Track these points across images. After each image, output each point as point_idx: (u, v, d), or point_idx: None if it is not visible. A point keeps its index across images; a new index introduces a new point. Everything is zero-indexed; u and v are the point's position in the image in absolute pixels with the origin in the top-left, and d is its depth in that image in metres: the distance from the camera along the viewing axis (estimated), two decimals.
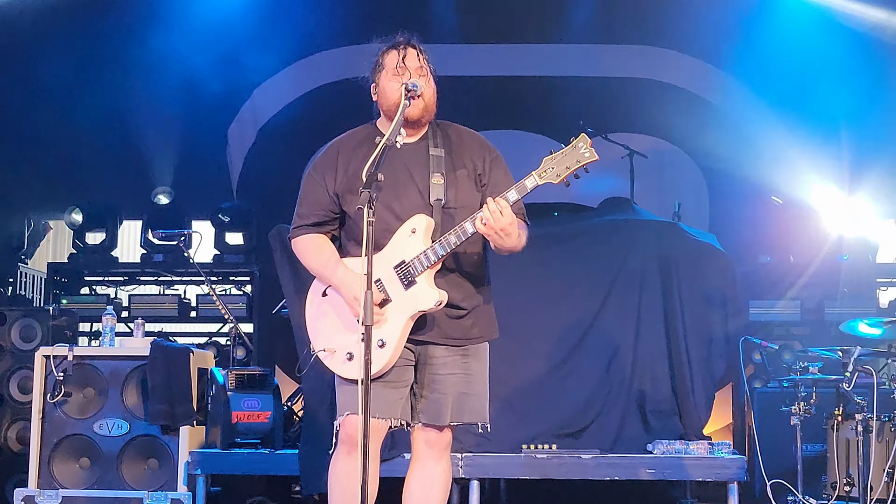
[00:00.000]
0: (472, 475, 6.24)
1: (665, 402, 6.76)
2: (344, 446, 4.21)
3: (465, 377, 4.27)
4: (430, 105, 4.26)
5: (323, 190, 4.33)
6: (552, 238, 6.96)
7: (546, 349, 6.79)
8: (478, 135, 4.43)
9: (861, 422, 6.26)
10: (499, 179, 4.28)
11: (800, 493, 6.39)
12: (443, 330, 4.23)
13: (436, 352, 4.25)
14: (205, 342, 9.07)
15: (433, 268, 4.12)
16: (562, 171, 3.98)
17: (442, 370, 4.25)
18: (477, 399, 4.31)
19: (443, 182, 4.20)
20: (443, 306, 4.12)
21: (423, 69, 4.25)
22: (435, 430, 4.31)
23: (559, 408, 6.68)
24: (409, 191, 4.20)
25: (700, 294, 6.87)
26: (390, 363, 4.13)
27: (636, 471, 6.30)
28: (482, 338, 4.34)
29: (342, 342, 4.21)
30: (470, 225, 4.07)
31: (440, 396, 4.25)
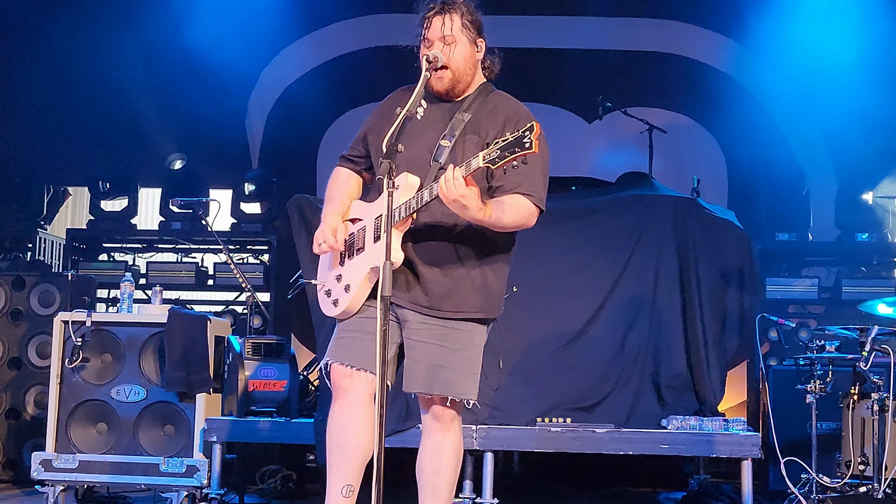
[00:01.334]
0: (486, 447, 6.26)
1: (680, 377, 6.75)
2: (334, 392, 4.24)
3: (439, 348, 4.18)
4: (459, 72, 4.20)
5: (364, 130, 4.43)
6: (569, 212, 6.95)
7: (562, 323, 6.78)
8: (518, 109, 4.28)
9: (877, 401, 6.25)
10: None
11: (814, 471, 6.39)
12: (412, 295, 4.18)
13: (407, 316, 4.21)
14: (222, 310, 9.11)
15: (399, 226, 4.05)
16: (502, 157, 3.79)
17: (415, 336, 4.21)
18: (452, 373, 4.19)
19: (449, 145, 4.15)
20: (395, 267, 4.00)
21: (448, 37, 4.18)
22: (437, 402, 4.27)
23: (574, 382, 6.68)
24: (418, 148, 4.16)
25: (717, 270, 6.85)
26: (352, 309, 4.20)
27: (650, 446, 6.30)
28: (463, 312, 4.21)
29: (325, 277, 4.36)
30: (436, 185, 3.96)
31: (412, 363, 4.22)
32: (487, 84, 4.34)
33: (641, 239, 6.92)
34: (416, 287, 4.20)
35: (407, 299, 4.20)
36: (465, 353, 4.25)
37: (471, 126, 4.20)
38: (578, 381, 6.71)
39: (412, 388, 4.24)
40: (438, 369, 4.19)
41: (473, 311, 4.24)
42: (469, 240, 4.19)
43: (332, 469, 4.23)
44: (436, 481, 4.33)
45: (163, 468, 6.52)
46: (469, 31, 4.24)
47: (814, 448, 6.46)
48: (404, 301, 4.20)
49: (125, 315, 6.84)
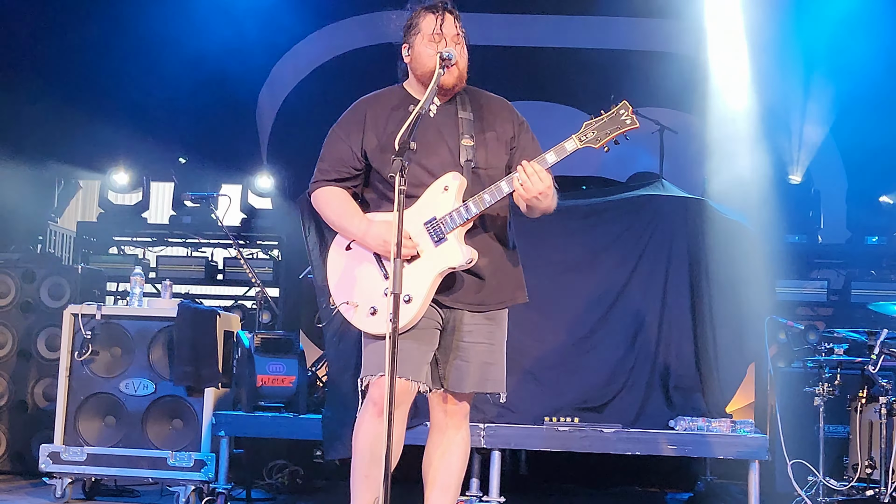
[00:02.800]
0: (493, 445, 6.27)
1: (688, 378, 6.74)
2: (374, 408, 4.14)
3: (489, 346, 4.29)
4: (463, 73, 4.25)
5: (346, 147, 4.31)
6: (580, 211, 6.96)
7: (571, 322, 6.79)
8: (504, 100, 4.43)
9: (885, 404, 6.26)
10: (527, 143, 4.31)
11: (821, 473, 6.39)
12: (470, 294, 4.23)
13: (464, 318, 4.25)
14: (231, 305, 9.13)
15: (465, 226, 4.12)
16: (602, 136, 3.99)
17: (468, 338, 4.26)
18: (499, 369, 4.33)
19: (472, 144, 4.20)
20: (473, 264, 4.11)
21: (459, 36, 4.23)
22: (454, 398, 4.33)
23: (582, 381, 6.69)
24: (440, 150, 4.20)
25: (727, 272, 6.84)
26: (416, 318, 4.10)
27: (658, 446, 6.30)
28: (507, 301, 4.34)
29: (366, 296, 4.19)
30: (506, 185, 4.07)
31: (463, 364, 4.26)
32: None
33: (652, 239, 6.92)
34: (468, 285, 4.23)
35: (466, 299, 4.24)
36: (503, 345, 4.38)
37: (480, 125, 4.27)
38: (587, 380, 6.71)
39: (464, 388, 4.28)
40: (488, 367, 4.29)
41: (515, 298, 4.38)
42: (499, 229, 4.30)
43: (367, 481, 4.18)
44: (445, 477, 4.36)
45: (170, 462, 6.54)
46: (464, 33, 4.30)
47: (821, 451, 6.45)
48: (464, 302, 4.24)
49: (135, 308, 6.87)
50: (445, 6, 4.24)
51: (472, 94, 4.36)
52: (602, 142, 3.99)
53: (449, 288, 4.17)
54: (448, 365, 4.28)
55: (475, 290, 4.24)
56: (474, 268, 4.19)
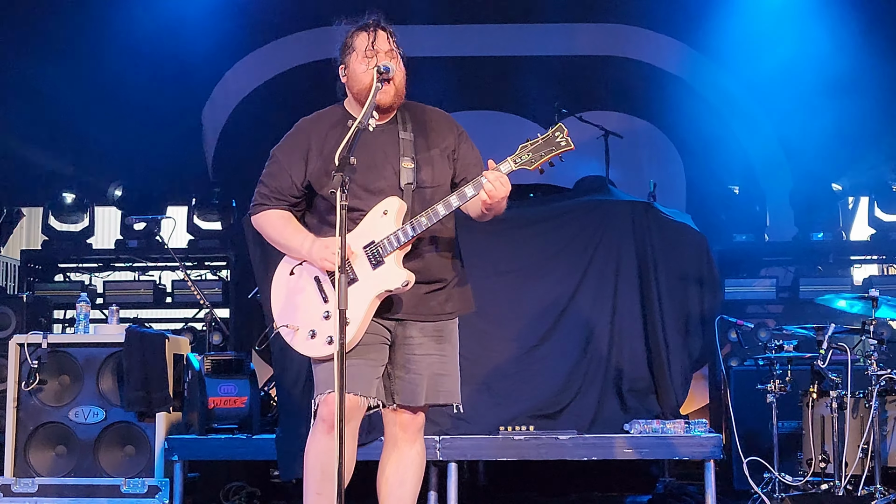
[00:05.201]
0: (449, 457, 6.25)
1: (642, 381, 6.76)
2: (324, 424, 4.16)
3: (440, 358, 4.28)
4: (400, 90, 4.23)
5: (287, 175, 4.29)
6: (528, 219, 6.97)
7: (522, 331, 6.79)
8: (443, 112, 4.43)
9: (836, 398, 6.29)
10: (468, 153, 4.32)
11: (776, 470, 6.42)
12: (418, 306, 4.23)
13: (411, 331, 4.25)
14: (181, 328, 9.05)
15: (403, 249, 4.13)
16: (537, 158, 4.00)
17: (418, 350, 4.25)
18: (451, 380, 4.32)
19: (413, 166, 4.20)
20: (409, 287, 4.12)
21: (393, 52, 4.21)
22: (408, 412, 4.31)
23: (536, 389, 6.69)
24: (383, 173, 4.20)
25: (676, 274, 6.88)
26: (353, 342, 4.11)
27: (614, 450, 6.31)
28: (456, 312, 4.36)
29: (305, 319, 4.22)
30: (443, 207, 4.08)
31: (415, 377, 4.25)
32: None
33: (600, 244, 6.94)
34: (420, 297, 4.24)
35: (414, 311, 4.24)
36: (455, 357, 4.37)
37: (423, 143, 4.26)
38: (541, 388, 6.71)
39: (418, 401, 4.26)
40: (441, 378, 4.28)
41: (463, 308, 4.39)
42: (445, 242, 4.31)
43: (320, 498, 4.19)
44: (400, 493, 4.34)
45: (124, 489, 6.47)
46: (400, 50, 4.28)
47: (775, 447, 6.49)
48: (412, 314, 4.24)
49: (82, 336, 6.79)
50: (378, 24, 4.23)
51: (413, 111, 4.35)
52: (536, 164, 4.00)
53: (395, 302, 4.18)
54: (399, 380, 4.27)
55: (422, 302, 4.25)
56: (421, 280, 4.19)
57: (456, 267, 4.37)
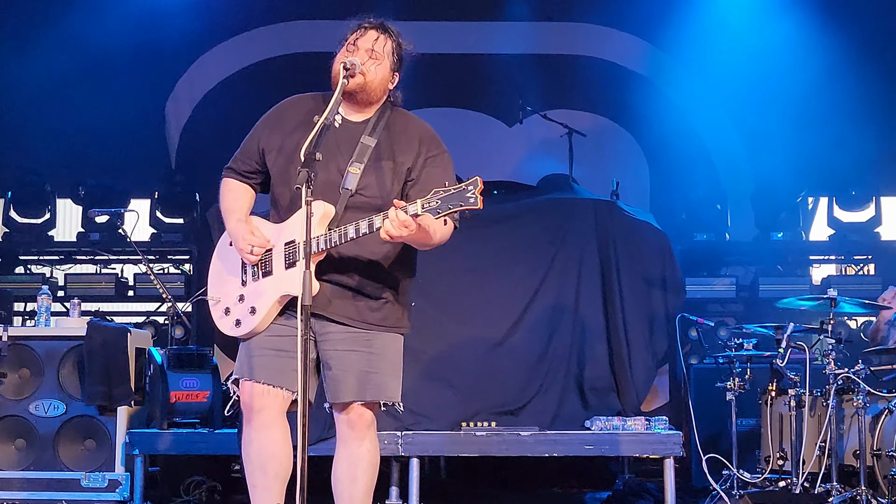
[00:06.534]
0: (411, 453, 6.26)
1: (603, 379, 6.80)
2: (245, 413, 4.21)
3: (367, 354, 4.20)
4: (371, 85, 4.18)
5: (256, 141, 4.31)
6: (492, 217, 6.96)
7: (485, 327, 6.80)
8: (425, 129, 4.32)
9: (794, 397, 6.37)
10: (431, 178, 4.14)
11: (734, 467, 6.48)
12: (335, 307, 4.16)
13: (330, 327, 4.18)
14: (143, 322, 9.01)
15: (315, 256, 4.01)
16: (444, 208, 3.76)
17: (340, 346, 4.19)
18: (381, 377, 4.23)
19: (359, 172, 4.13)
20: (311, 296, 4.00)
21: (375, 53, 4.19)
22: (352, 409, 4.24)
23: (498, 386, 6.71)
24: (330, 169, 4.12)
25: (638, 272, 6.93)
26: (257, 331, 4.15)
27: (575, 447, 6.35)
28: (387, 329, 4.26)
29: (226, 295, 4.28)
30: (365, 225, 3.95)
31: (339, 373, 4.19)
32: (386, 105, 4.32)
33: (563, 242, 6.97)
34: (340, 300, 4.18)
35: (330, 311, 4.18)
36: (391, 356, 4.29)
37: (380, 152, 4.20)
38: (503, 385, 6.74)
39: (342, 398, 4.20)
40: (368, 375, 4.20)
41: (396, 327, 4.30)
42: (390, 256, 4.21)
43: (255, 491, 4.22)
44: (352, 491, 4.30)
45: (84, 483, 6.43)
46: (394, 59, 4.27)
47: (734, 445, 6.55)
48: (330, 313, 4.18)
49: (42, 329, 6.75)
50: (375, 24, 4.24)
51: (396, 118, 4.30)
52: (441, 214, 3.78)
53: (315, 297, 4.02)
54: (325, 376, 4.24)
55: (347, 306, 4.18)
56: (344, 285, 4.15)
57: (398, 285, 4.28)
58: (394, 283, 4.27)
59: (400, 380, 4.33)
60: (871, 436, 6.16)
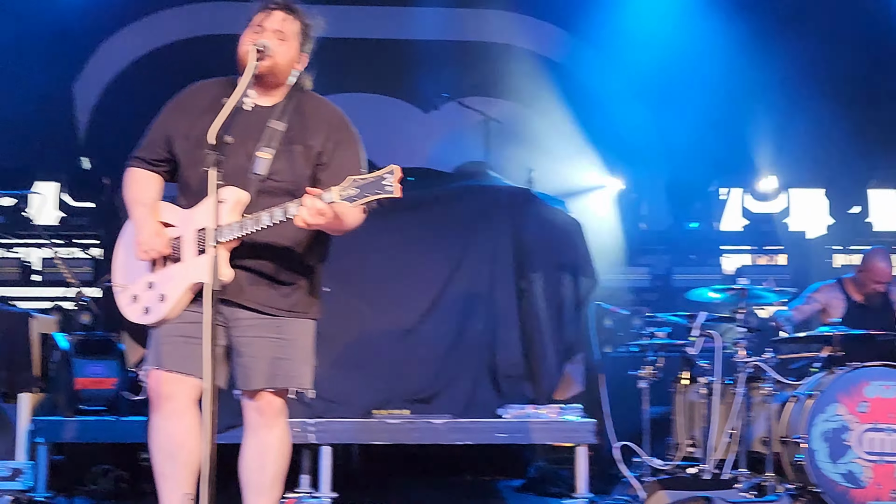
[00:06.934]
0: (323, 441, 6.19)
1: (517, 367, 6.80)
2: (151, 402, 4.15)
3: (277, 341, 4.15)
4: (279, 67, 4.13)
5: (163, 129, 4.23)
6: (407, 203, 6.77)
7: (399, 315, 6.77)
8: (334, 113, 4.28)
9: (705, 385, 6.43)
10: (342, 162, 4.13)
11: (646, 454, 6.53)
12: (247, 294, 4.11)
13: (241, 314, 4.13)
14: (50, 307, 8.79)
15: (229, 244, 3.96)
16: (361, 196, 3.72)
17: (251, 332, 4.14)
18: (292, 364, 4.19)
19: (269, 157, 4.06)
20: (223, 285, 3.94)
21: (284, 34, 4.13)
22: (262, 396, 4.19)
23: (411, 373, 6.68)
24: (238, 155, 4.02)
25: (551, 260, 6.93)
26: (166, 318, 4.07)
27: (487, 435, 6.34)
28: (299, 314, 4.22)
29: (132, 282, 4.19)
30: (267, 217, 3.91)
31: (249, 360, 4.14)
32: (294, 88, 4.26)
33: (478, 230, 6.95)
34: (252, 287, 4.12)
35: (241, 298, 4.11)
36: (302, 343, 4.24)
37: (290, 136, 4.14)
38: (416, 372, 6.70)
39: (252, 384, 4.15)
40: (279, 361, 4.15)
41: (306, 314, 4.25)
42: (298, 244, 4.17)
43: (165, 480, 4.15)
44: (261, 479, 4.25)
45: None
46: (302, 41, 4.22)
47: (646, 432, 6.59)
48: (241, 300, 4.11)
49: None
50: (281, 4, 4.17)
51: (305, 102, 4.24)
52: (358, 202, 3.74)
53: (231, 285, 4.00)
54: (234, 363, 4.18)
55: (259, 293, 4.13)
56: (255, 272, 4.10)
57: (309, 271, 4.25)
58: (306, 270, 4.23)
59: (312, 367, 4.28)
60: (778, 423, 6.24)
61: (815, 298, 7.33)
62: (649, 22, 9.24)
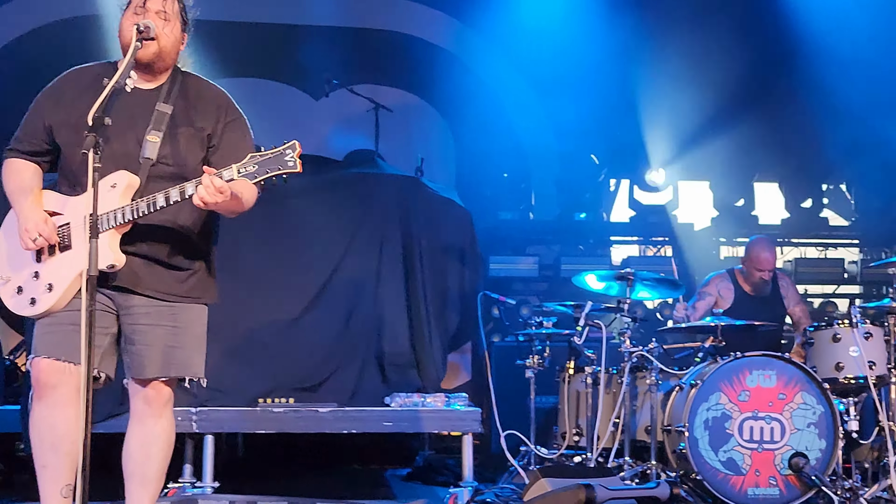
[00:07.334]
0: (206, 430, 6.09)
1: (404, 355, 6.78)
2: (35, 391, 4.03)
3: (172, 329, 4.12)
4: (166, 50, 4.07)
5: (41, 119, 4.12)
6: (295, 190, 6.83)
7: (285, 303, 6.69)
8: (220, 94, 4.25)
9: (591, 374, 6.49)
10: (231, 143, 4.12)
11: (532, 443, 6.57)
12: (143, 280, 4.06)
13: (135, 301, 4.08)
14: None
15: (121, 228, 3.94)
16: (262, 172, 3.75)
17: (145, 320, 4.09)
18: (186, 353, 4.15)
19: (158, 140, 4.02)
20: (115, 270, 3.95)
21: (167, 14, 4.06)
22: (151, 385, 4.14)
23: (297, 362, 6.61)
24: (128, 139, 4.01)
25: (439, 249, 6.93)
26: (55, 309, 4.00)
27: (373, 424, 6.30)
28: (196, 299, 4.19)
29: (17, 273, 4.09)
30: (162, 198, 3.89)
31: (143, 348, 4.09)
32: (177, 70, 4.22)
33: (366, 218, 6.91)
34: (147, 273, 4.06)
35: (139, 285, 4.06)
36: (196, 331, 4.21)
37: (179, 119, 4.10)
38: (302, 360, 6.64)
39: (146, 374, 4.09)
40: (173, 350, 4.10)
41: (204, 297, 4.22)
42: (194, 225, 4.13)
43: (45, 471, 4.05)
44: (145, 469, 4.18)
45: None
46: (182, 20, 4.17)
47: (532, 421, 6.64)
48: (137, 286, 4.06)
49: None
50: None
51: (189, 83, 4.19)
52: (259, 178, 3.77)
53: (120, 271, 3.98)
54: (127, 352, 4.11)
55: (155, 279, 4.08)
56: (154, 255, 4.05)
57: (198, 255, 4.20)
58: (200, 254, 4.20)
59: (204, 355, 4.25)
60: (662, 412, 6.32)
61: (708, 292, 7.38)
62: (541, 13, 9.25)
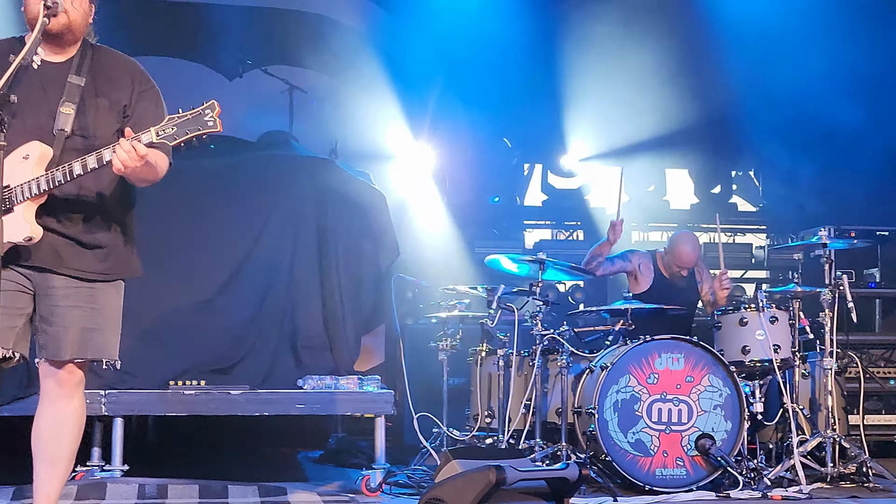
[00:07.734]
0: (115, 412, 6.01)
1: (317, 337, 6.75)
2: None
3: (89, 311, 4.09)
4: (76, 23, 4.04)
5: None
6: (208, 171, 6.78)
7: (197, 283, 6.62)
8: (133, 64, 4.23)
9: (503, 357, 6.55)
10: (145, 112, 4.11)
11: (444, 425, 6.62)
12: (65, 260, 4.04)
13: (55, 282, 4.04)
14: None
15: (36, 199, 3.91)
16: (181, 133, 3.79)
17: (63, 302, 4.05)
18: (102, 334, 4.13)
19: (72, 112, 4.00)
20: (33, 242, 3.91)
21: None
22: (64, 366, 4.10)
23: (209, 344, 6.55)
24: (40, 112, 3.98)
25: (354, 231, 6.90)
26: None
27: (286, 406, 6.28)
28: (115, 275, 4.17)
29: None
30: (79, 166, 3.87)
31: (60, 330, 4.05)
32: (86, 43, 4.19)
33: (280, 200, 6.86)
34: (67, 253, 4.03)
35: (60, 264, 4.02)
36: (113, 311, 4.19)
37: (92, 90, 4.08)
38: (214, 343, 6.58)
39: (62, 355, 4.05)
40: (90, 332, 4.08)
41: (124, 272, 4.21)
42: (109, 199, 4.11)
43: None
44: (55, 450, 4.15)
45: None
46: None
47: (444, 403, 6.69)
48: (57, 266, 4.02)
49: None
50: None
51: (100, 56, 4.16)
52: (179, 139, 3.80)
53: (35, 250, 3.95)
54: (44, 332, 4.07)
55: (74, 257, 4.05)
56: (73, 233, 4.02)
57: (117, 230, 4.17)
58: (119, 227, 4.18)
59: (118, 336, 4.22)
60: (573, 394, 6.41)
61: (630, 259, 7.37)
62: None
